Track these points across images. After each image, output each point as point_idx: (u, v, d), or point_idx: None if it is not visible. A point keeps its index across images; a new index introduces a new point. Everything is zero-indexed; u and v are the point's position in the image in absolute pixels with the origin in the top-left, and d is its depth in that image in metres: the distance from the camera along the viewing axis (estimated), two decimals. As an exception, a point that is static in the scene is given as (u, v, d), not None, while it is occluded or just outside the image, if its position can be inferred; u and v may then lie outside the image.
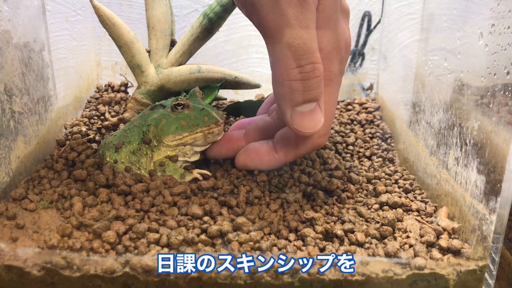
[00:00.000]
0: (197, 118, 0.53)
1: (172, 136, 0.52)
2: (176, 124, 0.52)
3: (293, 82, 0.43)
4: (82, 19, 0.79)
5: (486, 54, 0.44)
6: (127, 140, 0.54)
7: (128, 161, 0.53)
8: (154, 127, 0.53)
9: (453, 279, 0.41)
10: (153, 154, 0.53)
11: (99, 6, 0.59)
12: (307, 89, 0.44)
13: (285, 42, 0.42)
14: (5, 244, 0.42)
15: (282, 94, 0.45)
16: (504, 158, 0.40)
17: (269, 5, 0.41)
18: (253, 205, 0.49)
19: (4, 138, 0.49)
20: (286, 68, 0.43)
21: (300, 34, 0.42)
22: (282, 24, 0.41)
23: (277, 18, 0.41)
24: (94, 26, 0.84)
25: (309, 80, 0.43)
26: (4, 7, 0.50)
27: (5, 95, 0.50)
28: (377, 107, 0.81)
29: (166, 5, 0.63)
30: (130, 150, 0.54)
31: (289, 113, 0.45)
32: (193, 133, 0.52)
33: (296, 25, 0.41)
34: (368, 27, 0.85)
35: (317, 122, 0.46)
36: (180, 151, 0.54)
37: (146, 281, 0.40)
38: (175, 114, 0.53)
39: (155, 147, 0.53)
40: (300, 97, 0.44)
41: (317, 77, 0.44)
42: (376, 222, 0.49)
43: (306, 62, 0.43)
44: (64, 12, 0.73)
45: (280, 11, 0.41)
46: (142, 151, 0.53)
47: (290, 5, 0.41)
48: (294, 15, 0.41)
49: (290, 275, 0.40)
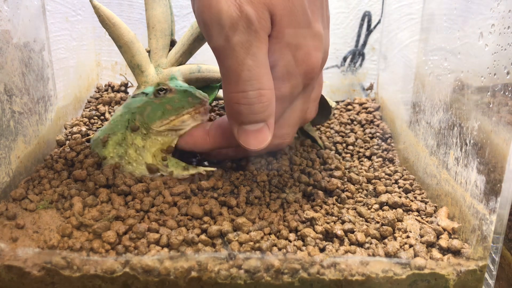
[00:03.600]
0: (181, 100, 0.52)
1: (160, 121, 0.52)
2: (161, 109, 0.52)
3: (237, 105, 0.44)
4: (82, 19, 0.79)
5: (486, 54, 0.44)
6: (111, 132, 0.53)
7: (116, 155, 0.52)
8: (139, 116, 0.52)
9: (453, 279, 0.41)
10: (145, 143, 0.52)
11: (99, 6, 0.59)
12: (251, 112, 0.44)
13: (229, 67, 0.42)
14: (5, 244, 0.42)
15: (228, 112, 0.46)
16: (504, 158, 0.40)
17: (216, 29, 0.41)
18: (253, 205, 0.49)
19: (4, 138, 0.49)
20: (230, 91, 0.43)
21: (245, 61, 0.41)
22: (227, 50, 0.41)
23: (222, 43, 0.41)
24: (94, 26, 0.84)
25: (253, 105, 0.43)
26: (4, 7, 0.50)
27: (5, 95, 0.50)
28: (377, 107, 0.81)
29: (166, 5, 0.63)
30: (116, 142, 0.53)
31: (236, 129, 0.46)
32: (180, 116, 0.52)
33: (241, 52, 0.41)
34: (368, 27, 0.85)
35: (263, 141, 0.46)
36: (172, 135, 0.53)
37: (146, 281, 0.40)
38: (158, 100, 0.52)
39: (145, 136, 0.52)
40: (245, 118, 0.45)
41: (263, 103, 0.44)
42: (376, 222, 0.49)
43: (250, 88, 0.43)
44: (64, 12, 0.73)
45: (225, 37, 0.41)
46: (127, 141, 0.52)
47: (235, 32, 0.40)
48: (239, 41, 0.41)
49: (290, 275, 0.40)
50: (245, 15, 0.40)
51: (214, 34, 0.41)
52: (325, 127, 0.75)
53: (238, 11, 0.40)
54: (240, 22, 0.40)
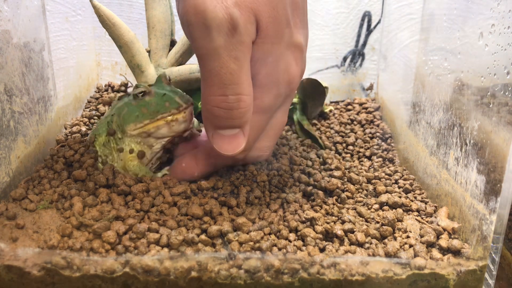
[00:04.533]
0: (158, 104, 0.51)
1: (133, 124, 0.51)
2: (137, 112, 0.51)
3: (216, 108, 0.43)
4: (82, 19, 0.79)
5: (486, 54, 0.44)
6: (97, 132, 0.53)
7: (103, 154, 0.53)
8: (117, 117, 0.52)
9: (453, 279, 0.41)
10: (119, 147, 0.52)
11: (99, 6, 0.59)
12: (229, 117, 0.44)
13: (212, 69, 0.42)
14: (5, 244, 0.42)
15: (205, 116, 0.46)
16: (504, 158, 0.40)
17: (200, 30, 0.40)
18: (253, 205, 0.49)
19: (4, 138, 0.49)
20: (210, 94, 0.43)
21: (227, 64, 0.41)
22: (211, 52, 0.41)
23: (206, 45, 0.41)
24: (94, 26, 0.84)
25: (232, 110, 0.43)
26: (4, 7, 0.50)
27: (5, 95, 0.50)
28: (377, 107, 0.81)
29: (166, 5, 0.63)
30: (101, 143, 0.53)
31: (211, 133, 0.46)
32: (154, 121, 0.50)
33: (225, 54, 0.41)
34: (368, 27, 0.85)
35: (236, 146, 0.46)
36: (146, 144, 0.52)
37: (146, 281, 0.40)
38: (136, 102, 0.51)
39: (120, 140, 0.52)
40: (221, 123, 0.45)
41: (242, 109, 0.44)
42: (376, 222, 0.49)
43: (231, 92, 0.42)
44: (64, 12, 0.73)
45: (209, 38, 0.40)
46: (110, 144, 0.52)
47: (220, 34, 0.40)
48: (223, 44, 0.40)
49: (290, 275, 0.40)
50: (232, 18, 0.40)
51: (198, 35, 0.41)
52: (325, 127, 0.75)
53: (225, 13, 0.39)
54: (226, 24, 0.40)
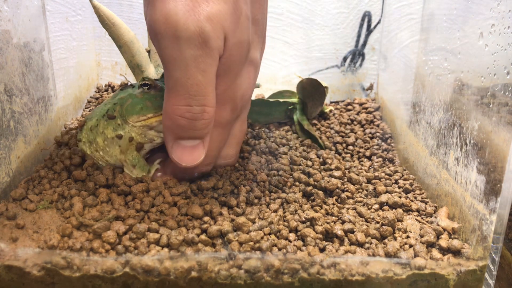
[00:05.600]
0: (163, 99, 0.50)
1: (137, 116, 0.51)
2: (141, 105, 0.51)
3: (180, 118, 0.44)
4: (82, 19, 0.79)
5: (486, 54, 0.44)
6: (89, 117, 0.53)
7: (87, 140, 0.53)
8: (120, 106, 0.52)
9: (453, 279, 0.41)
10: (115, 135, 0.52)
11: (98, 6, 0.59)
12: (192, 128, 0.44)
13: (178, 79, 0.42)
14: (5, 244, 0.42)
15: (167, 125, 0.45)
16: (504, 158, 0.40)
17: (170, 40, 0.40)
18: (253, 205, 0.49)
19: (4, 138, 0.49)
20: (175, 103, 0.43)
21: (195, 75, 0.42)
22: (179, 62, 0.41)
23: (174, 55, 0.41)
24: (94, 26, 0.84)
25: (196, 120, 0.44)
26: (4, 7, 0.50)
27: (5, 95, 0.50)
28: (377, 107, 0.81)
29: (166, 5, 0.63)
30: (89, 127, 0.53)
31: (171, 144, 0.46)
32: (158, 115, 0.50)
33: (193, 66, 0.41)
34: (368, 27, 0.85)
35: (196, 158, 0.46)
36: (147, 136, 0.52)
37: (146, 281, 0.40)
38: (141, 94, 0.51)
39: (119, 126, 0.52)
40: (184, 133, 0.45)
41: (205, 120, 0.44)
42: (376, 222, 0.49)
43: (196, 103, 0.43)
44: (64, 12, 0.73)
45: (179, 49, 0.41)
46: (98, 128, 0.52)
47: (190, 46, 0.40)
48: (192, 56, 0.41)
49: (290, 275, 0.40)
50: (203, 32, 0.40)
51: (167, 45, 0.41)
52: (325, 127, 0.75)
53: (196, 26, 0.40)
54: (197, 37, 0.40)
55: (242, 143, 0.62)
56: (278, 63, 0.87)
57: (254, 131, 0.68)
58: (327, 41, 0.86)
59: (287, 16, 0.84)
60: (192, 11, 0.40)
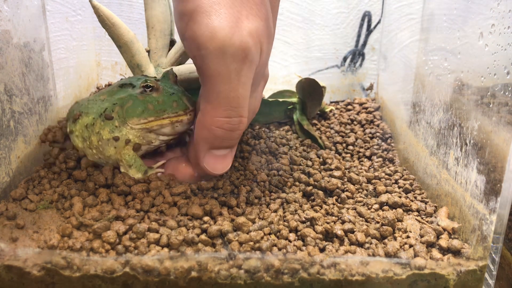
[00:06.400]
0: (165, 103, 0.50)
1: (137, 119, 0.50)
2: (142, 107, 0.50)
3: (219, 129, 0.45)
4: (82, 19, 0.79)
5: (486, 54, 0.44)
6: (85, 111, 0.52)
7: (81, 135, 0.52)
8: (119, 107, 0.51)
9: (453, 279, 0.41)
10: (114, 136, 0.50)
11: (98, 6, 0.59)
12: (228, 138, 0.46)
13: (221, 92, 0.43)
14: (5, 244, 0.42)
15: (203, 136, 0.47)
16: (504, 158, 0.40)
17: (216, 54, 0.41)
18: (253, 205, 0.49)
19: (4, 138, 0.49)
20: (215, 115, 0.45)
21: (236, 88, 0.43)
22: (223, 76, 0.42)
23: (219, 69, 0.42)
24: (94, 26, 0.84)
25: (233, 131, 0.46)
26: (4, 7, 0.50)
27: (5, 95, 0.50)
28: (377, 107, 0.81)
29: (165, 5, 0.63)
30: (84, 123, 0.52)
31: (204, 153, 0.48)
32: (159, 119, 0.50)
33: (235, 80, 0.43)
34: (368, 27, 0.85)
35: (226, 165, 0.49)
36: (145, 139, 0.51)
37: (146, 281, 0.40)
38: (142, 96, 0.50)
39: (116, 128, 0.50)
40: (219, 143, 0.47)
41: (240, 130, 0.46)
42: (376, 222, 0.49)
43: (235, 115, 0.44)
44: (64, 12, 0.73)
45: (224, 63, 0.42)
46: (94, 127, 0.51)
47: (235, 60, 0.42)
48: (236, 70, 0.42)
49: (290, 275, 0.40)
50: (246, 47, 0.41)
51: (212, 59, 0.42)
52: (325, 127, 0.75)
53: (240, 41, 0.41)
54: (241, 52, 0.41)
55: (242, 144, 0.63)
56: (278, 63, 0.87)
57: (254, 131, 0.68)
58: (327, 41, 0.86)
59: (287, 16, 0.84)
60: (236, 27, 0.41)
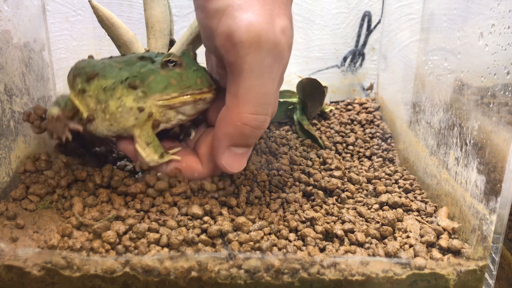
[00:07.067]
0: (190, 78, 0.47)
1: (160, 95, 0.47)
2: (165, 83, 0.47)
3: (245, 126, 0.43)
4: (82, 19, 0.79)
5: (486, 54, 0.44)
6: (102, 73, 0.48)
7: (96, 96, 0.48)
8: (139, 81, 0.47)
9: (453, 279, 0.41)
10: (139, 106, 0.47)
11: (97, 6, 0.59)
12: (251, 136, 0.45)
13: (252, 87, 0.42)
14: (5, 244, 0.42)
15: (227, 132, 0.45)
16: (504, 158, 0.40)
17: (252, 48, 0.41)
18: (253, 205, 0.49)
19: (4, 138, 0.49)
20: (243, 111, 0.43)
21: (267, 84, 0.42)
22: (256, 70, 0.41)
23: (253, 63, 0.41)
24: (94, 26, 0.83)
25: (258, 129, 0.44)
26: (4, 7, 0.50)
27: (5, 95, 0.50)
28: (377, 107, 0.81)
29: (165, 5, 0.63)
30: (102, 85, 0.48)
31: (223, 150, 0.46)
32: (183, 95, 0.47)
33: (267, 75, 0.42)
34: (368, 27, 0.85)
35: (243, 164, 0.47)
36: (165, 116, 0.48)
37: (146, 281, 0.40)
38: (165, 72, 0.47)
39: (140, 99, 0.47)
40: (242, 141, 0.45)
41: (263, 129, 0.45)
42: (376, 222, 0.49)
43: (262, 112, 0.43)
44: (64, 12, 0.73)
45: (259, 57, 0.41)
46: (115, 92, 0.47)
47: (269, 55, 0.41)
48: (269, 65, 0.41)
49: (290, 275, 0.40)
50: (280, 43, 0.41)
51: (248, 53, 0.41)
52: (325, 127, 0.75)
53: (275, 37, 0.41)
54: (274, 48, 0.41)
55: None
56: (278, 63, 0.87)
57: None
58: (327, 41, 0.86)
59: (287, 16, 0.84)
60: (271, 23, 0.41)
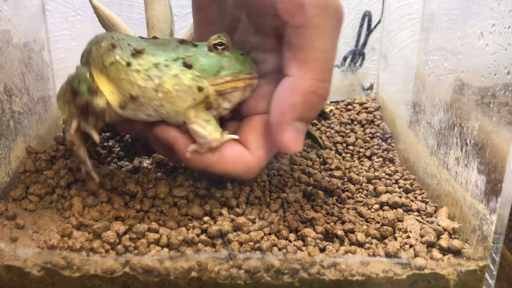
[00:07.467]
0: (240, 62, 0.45)
1: (213, 79, 0.44)
2: (218, 66, 0.44)
3: (313, 94, 0.40)
4: (82, 19, 0.79)
5: (487, 54, 0.44)
6: (152, 51, 0.45)
7: (145, 72, 0.43)
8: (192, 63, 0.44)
9: (454, 279, 0.41)
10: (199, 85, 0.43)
11: (98, 6, 0.59)
12: (318, 107, 0.41)
13: (321, 52, 0.40)
14: (5, 244, 0.42)
15: (293, 103, 0.40)
16: (505, 158, 0.40)
17: (320, 8, 0.39)
18: (253, 205, 0.49)
19: (4, 138, 0.49)
20: (312, 77, 0.40)
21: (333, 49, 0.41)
22: (325, 31, 0.40)
23: (322, 23, 0.39)
24: (94, 26, 0.83)
25: (323, 100, 0.41)
26: (4, 7, 0.50)
27: (5, 95, 0.50)
28: (377, 107, 0.81)
29: (165, 5, 0.63)
30: (154, 62, 0.44)
31: (287, 125, 0.41)
32: (235, 80, 0.44)
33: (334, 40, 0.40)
34: (368, 27, 0.85)
35: (301, 145, 0.42)
36: (216, 101, 0.45)
37: (146, 281, 0.40)
38: (215, 55, 0.45)
39: (198, 78, 0.43)
40: (308, 113, 0.41)
41: (326, 101, 0.42)
42: (377, 222, 0.48)
43: (328, 79, 0.41)
44: (64, 12, 0.73)
45: (327, 18, 0.39)
46: (169, 69, 0.43)
47: (334, 17, 0.40)
48: (334, 30, 0.40)
49: (290, 275, 0.40)
50: (340, 8, 0.40)
51: (316, 13, 0.39)
52: (325, 127, 0.75)
53: (336, 2, 0.40)
54: (337, 10, 0.40)
55: None
56: (278, 63, 0.87)
57: (254, 131, 0.68)
58: (327, 41, 0.86)
59: (287, 16, 0.84)
60: None
